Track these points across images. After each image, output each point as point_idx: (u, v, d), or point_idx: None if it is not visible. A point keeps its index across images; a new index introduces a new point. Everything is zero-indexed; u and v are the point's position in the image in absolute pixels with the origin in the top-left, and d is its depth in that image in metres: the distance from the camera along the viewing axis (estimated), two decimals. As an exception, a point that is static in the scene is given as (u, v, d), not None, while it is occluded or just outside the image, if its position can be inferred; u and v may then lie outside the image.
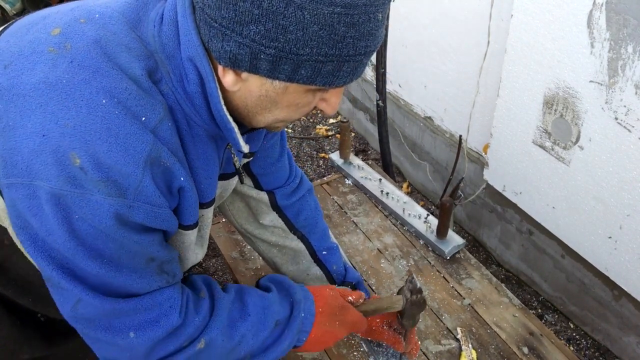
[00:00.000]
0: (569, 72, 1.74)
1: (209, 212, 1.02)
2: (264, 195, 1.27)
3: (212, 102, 0.82)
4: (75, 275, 0.79)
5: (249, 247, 1.67)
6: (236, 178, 1.13)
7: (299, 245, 1.33)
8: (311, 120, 3.57)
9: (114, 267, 0.80)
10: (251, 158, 1.19)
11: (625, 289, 1.89)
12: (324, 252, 1.34)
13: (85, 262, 0.78)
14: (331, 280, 1.35)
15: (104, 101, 0.74)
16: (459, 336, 1.43)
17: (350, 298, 1.15)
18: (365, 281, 1.58)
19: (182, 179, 0.84)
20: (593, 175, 1.81)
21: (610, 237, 1.85)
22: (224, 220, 1.81)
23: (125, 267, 0.81)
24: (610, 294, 2.03)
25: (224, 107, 0.83)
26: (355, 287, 1.37)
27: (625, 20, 1.51)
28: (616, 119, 1.65)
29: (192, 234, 0.95)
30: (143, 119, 0.77)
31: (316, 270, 1.34)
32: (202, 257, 1.08)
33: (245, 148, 0.89)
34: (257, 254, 1.65)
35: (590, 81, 1.68)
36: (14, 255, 0.90)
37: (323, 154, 3.27)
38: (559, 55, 1.75)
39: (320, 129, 3.47)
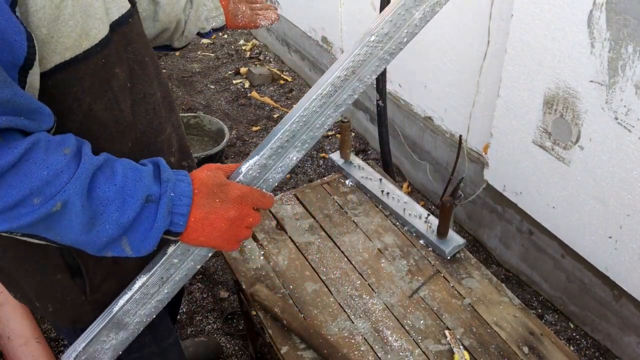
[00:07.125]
0: (569, 72, 1.74)
1: None
2: None
3: None
4: None
5: (249, 246, 1.67)
6: None
7: None
8: (311, 120, 3.57)
9: None
10: None
11: (626, 289, 1.89)
12: None
13: None
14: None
15: None
16: (448, 339, 1.43)
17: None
18: (365, 280, 1.58)
19: None
20: (593, 175, 1.82)
21: (610, 237, 1.85)
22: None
23: None
24: (610, 294, 2.03)
25: None
26: None
27: (625, 20, 1.51)
28: (616, 119, 1.65)
29: None
30: None
31: None
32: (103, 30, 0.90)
33: None
34: (257, 254, 1.65)
35: (591, 81, 1.68)
36: None
37: (323, 154, 3.27)
38: (559, 55, 1.75)
39: (320, 128, 3.48)
